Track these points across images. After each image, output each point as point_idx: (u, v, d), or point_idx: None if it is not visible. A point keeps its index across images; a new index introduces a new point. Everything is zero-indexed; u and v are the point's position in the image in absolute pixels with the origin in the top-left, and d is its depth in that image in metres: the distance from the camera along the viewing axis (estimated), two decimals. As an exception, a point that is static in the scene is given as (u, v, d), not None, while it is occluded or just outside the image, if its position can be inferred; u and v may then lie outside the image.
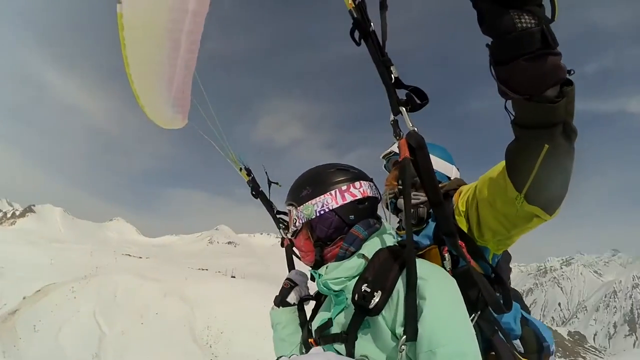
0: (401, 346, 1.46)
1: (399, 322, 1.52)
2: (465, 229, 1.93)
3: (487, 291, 1.61)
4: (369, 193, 1.93)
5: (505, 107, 1.41)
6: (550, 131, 1.35)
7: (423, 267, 1.59)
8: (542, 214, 1.59)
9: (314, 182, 1.96)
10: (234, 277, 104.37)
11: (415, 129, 1.55)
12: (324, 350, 1.73)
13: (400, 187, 2.33)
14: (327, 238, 1.90)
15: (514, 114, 1.42)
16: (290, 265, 2.56)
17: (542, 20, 1.17)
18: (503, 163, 1.64)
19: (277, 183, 2.94)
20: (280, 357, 1.93)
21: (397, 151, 2.16)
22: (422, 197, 2.23)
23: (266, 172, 2.97)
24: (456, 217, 1.97)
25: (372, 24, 1.55)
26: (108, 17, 2.65)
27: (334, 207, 1.87)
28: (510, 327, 2.08)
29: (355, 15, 1.54)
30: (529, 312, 2.36)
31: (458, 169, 2.57)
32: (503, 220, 1.74)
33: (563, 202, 1.58)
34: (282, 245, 2.68)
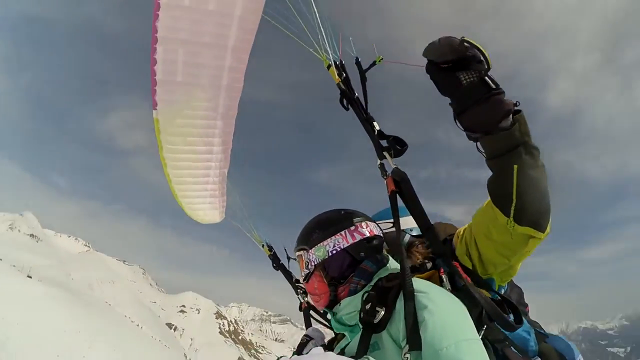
0: (404, 355, 1.50)
1: (402, 333, 1.59)
2: (469, 267, 2.04)
3: (489, 305, 1.71)
4: (375, 232, 2.11)
5: (477, 149, 1.77)
6: (514, 153, 1.65)
7: (421, 283, 1.73)
8: (535, 233, 1.76)
9: (324, 225, 2.12)
10: (30, 277, 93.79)
11: (398, 166, 1.92)
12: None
13: None
14: (340, 276, 2.03)
15: (484, 152, 1.76)
16: (308, 324, 2.84)
17: (481, 72, 1.59)
18: (488, 198, 1.86)
19: (294, 259, 3.25)
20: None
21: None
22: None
23: (285, 249, 3.49)
24: (459, 257, 2.09)
25: (355, 92, 2.08)
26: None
27: (345, 246, 2.02)
28: (524, 343, 2.10)
29: (342, 87, 2.09)
30: (542, 329, 2.37)
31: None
32: (502, 249, 1.88)
33: (550, 218, 1.78)
34: (300, 309, 3.08)
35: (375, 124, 2.03)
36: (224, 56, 3.04)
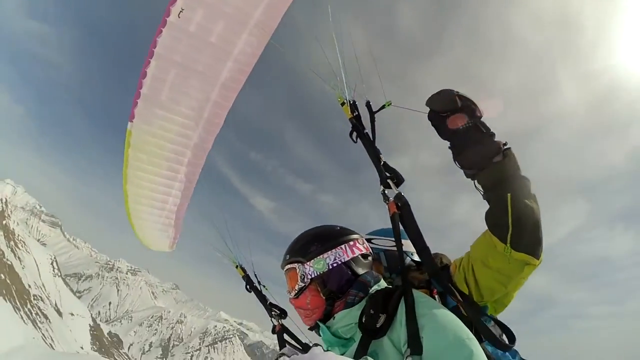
0: (406, 358, 1.52)
1: (403, 338, 1.60)
2: (466, 293, 2.11)
3: (480, 324, 1.77)
4: (370, 250, 2.17)
5: (475, 186, 2.02)
6: (507, 183, 1.89)
7: (420, 293, 1.80)
8: (530, 260, 1.91)
9: (322, 238, 2.09)
10: None
11: (400, 192, 2.05)
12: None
13: None
14: (338, 290, 1.99)
15: (481, 187, 1.99)
16: (282, 346, 2.77)
17: (474, 119, 1.93)
18: (486, 229, 2.01)
19: (264, 286, 3.45)
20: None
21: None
22: None
23: (255, 275, 3.51)
24: (457, 284, 2.15)
25: (364, 128, 2.30)
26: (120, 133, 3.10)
27: (345, 259, 2.02)
28: None
29: (354, 122, 2.31)
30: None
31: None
32: (498, 276, 2.00)
33: (542, 247, 1.94)
34: (273, 331, 3.07)
35: (381, 156, 2.21)
36: (212, 89, 3.15)
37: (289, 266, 2.11)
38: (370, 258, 2.15)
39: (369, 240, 2.73)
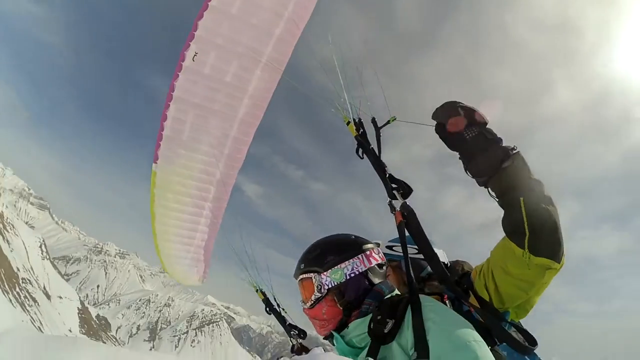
0: None
1: (410, 342, 1.59)
2: (487, 299, 2.10)
3: (496, 326, 1.76)
4: (385, 259, 2.13)
5: (489, 193, 1.98)
6: (519, 187, 1.85)
7: (427, 298, 1.78)
8: (551, 264, 1.85)
9: (339, 248, 2.05)
10: None
11: (406, 201, 2.04)
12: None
13: None
14: (356, 300, 1.96)
15: (495, 194, 1.96)
16: None
17: (480, 127, 1.93)
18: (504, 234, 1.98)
19: (284, 309, 3.50)
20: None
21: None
22: None
23: (275, 298, 3.55)
24: (477, 291, 2.15)
25: (370, 144, 2.29)
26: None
27: (362, 270, 1.98)
28: None
29: (359, 140, 2.32)
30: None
31: (442, 251, 2.82)
32: (519, 283, 1.96)
33: (564, 249, 1.87)
34: (292, 350, 3.04)
35: (387, 169, 2.21)
36: (231, 126, 3.24)
37: (304, 276, 2.05)
38: (385, 267, 2.13)
39: (390, 248, 2.77)
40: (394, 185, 2.15)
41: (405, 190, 2.14)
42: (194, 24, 2.84)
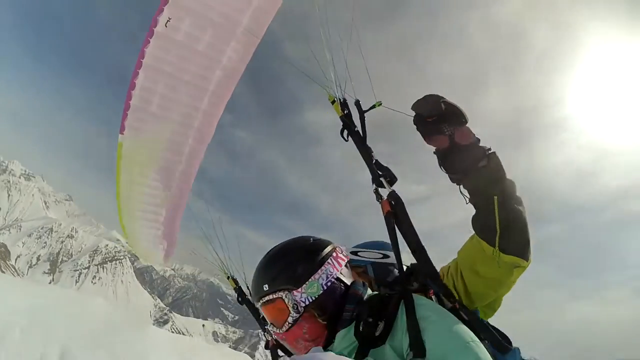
0: None
1: (405, 343, 1.50)
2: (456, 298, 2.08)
3: (481, 325, 1.78)
4: (348, 256, 2.00)
5: (460, 191, 2.02)
6: (493, 186, 1.89)
7: (418, 296, 1.68)
8: (519, 262, 1.91)
9: (306, 257, 1.82)
10: None
11: (394, 190, 2.00)
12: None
13: None
14: (337, 309, 1.77)
15: (467, 191, 1.99)
16: None
17: (458, 124, 1.94)
18: (473, 234, 2.02)
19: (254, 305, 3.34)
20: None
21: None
22: None
23: (248, 287, 3.27)
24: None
25: (355, 126, 2.24)
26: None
27: (337, 275, 1.82)
28: None
29: (344, 120, 2.26)
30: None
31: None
32: (489, 282, 2.00)
33: (531, 248, 1.93)
34: (266, 347, 2.59)
35: (373, 154, 2.17)
36: (201, 99, 3.11)
37: (271, 297, 1.78)
38: (349, 265, 2.01)
39: (355, 253, 2.73)
40: (380, 172, 2.10)
41: (393, 176, 2.08)
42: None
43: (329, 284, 1.76)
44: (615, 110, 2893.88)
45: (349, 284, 1.85)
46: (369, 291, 1.90)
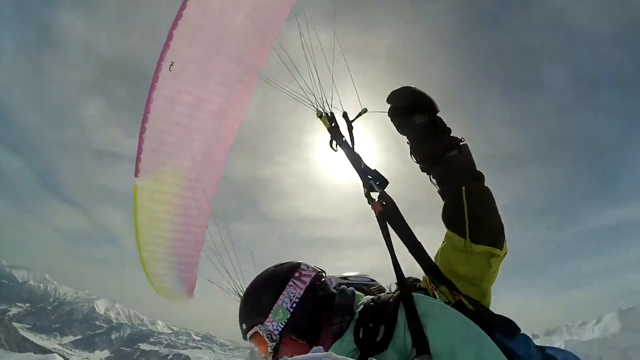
0: (412, 359, 1.43)
1: (408, 343, 1.49)
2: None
3: (486, 312, 1.76)
4: (317, 270, 2.02)
5: (430, 180, 2.11)
6: (461, 176, 1.95)
7: (416, 293, 1.70)
8: (493, 250, 1.92)
9: (265, 288, 1.93)
10: None
11: (384, 191, 2.04)
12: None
13: None
14: (315, 324, 1.85)
15: (435, 181, 2.07)
16: None
17: (430, 114, 2.06)
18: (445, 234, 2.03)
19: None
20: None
21: None
22: None
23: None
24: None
25: (343, 136, 2.31)
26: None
27: (301, 294, 1.86)
28: (527, 353, 1.94)
29: (332, 133, 2.33)
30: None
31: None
32: (470, 279, 1.95)
33: (505, 236, 1.98)
34: None
35: (361, 160, 2.23)
36: (213, 131, 3.19)
37: (251, 332, 1.92)
38: (324, 274, 2.08)
39: (345, 278, 2.60)
40: (369, 177, 2.15)
41: (382, 181, 2.13)
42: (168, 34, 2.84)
43: (294, 305, 1.82)
44: None
45: (323, 296, 1.89)
46: (361, 294, 1.94)
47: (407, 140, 2.17)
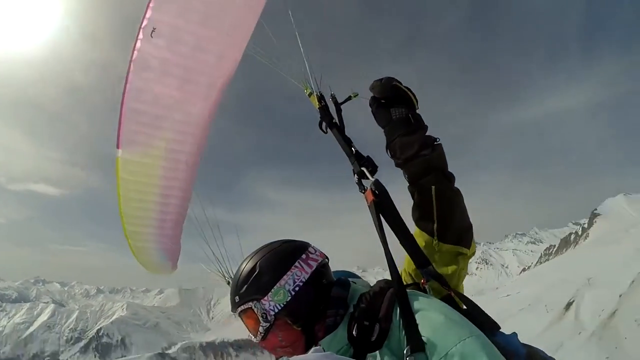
0: (406, 358, 1.40)
1: (403, 341, 1.47)
2: None
3: (478, 310, 1.72)
4: (324, 256, 1.91)
5: (404, 175, 2.05)
6: (433, 176, 1.93)
7: (411, 290, 1.68)
8: (461, 249, 1.97)
9: (270, 264, 1.75)
10: None
11: (377, 179, 1.98)
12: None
13: None
14: (312, 313, 1.73)
15: (407, 178, 2.03)
16: None
17: (408, 110, 2.02)
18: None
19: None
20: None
21: None
22: None
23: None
24: None
25: (333, 117, 2.28)
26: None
27: (306, 278, 1.73)
28: (514, 346, 1.97)
29: (322, 112, 2.29)
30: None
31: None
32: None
33: (472, 236, 2.02)
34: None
35: (353, 145, 2.20)
36: (194, 104, 3.08)
37: (242, 307, 1.76)
38: (327, 262, 1.93)
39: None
40: (361, 163, 2.11)
41: (375, 165, 2.10)
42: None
43: (296, 288, 1.71)
44: None
45: (325, 285, 1.79)
46: (357, 286, 1.85)
47: (384, 132, 2.11)
